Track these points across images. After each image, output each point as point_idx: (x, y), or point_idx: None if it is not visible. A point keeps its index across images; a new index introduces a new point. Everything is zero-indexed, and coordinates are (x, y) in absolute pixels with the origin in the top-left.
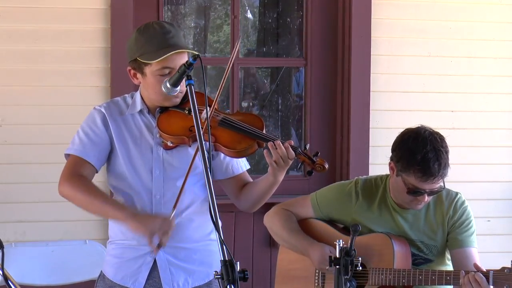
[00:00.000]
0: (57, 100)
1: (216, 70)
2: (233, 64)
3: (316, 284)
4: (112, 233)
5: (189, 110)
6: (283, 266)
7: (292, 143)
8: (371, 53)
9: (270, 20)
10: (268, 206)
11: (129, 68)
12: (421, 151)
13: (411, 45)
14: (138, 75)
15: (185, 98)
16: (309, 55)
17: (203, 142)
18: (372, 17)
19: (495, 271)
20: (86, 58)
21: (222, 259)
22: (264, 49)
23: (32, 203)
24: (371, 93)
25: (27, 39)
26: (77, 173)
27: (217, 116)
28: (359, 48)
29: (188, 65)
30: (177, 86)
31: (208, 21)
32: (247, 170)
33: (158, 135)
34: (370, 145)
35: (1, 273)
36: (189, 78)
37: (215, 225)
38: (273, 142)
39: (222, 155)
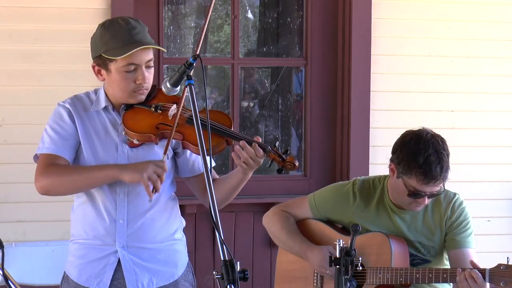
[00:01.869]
0: (57, 100)
1: (216, 70)
2: (233, 64)
3: (315, 285)
4: (74, 231)
5: (156, 108)
6: (282, 267)
7: (260, 140)
8: (371, 53)
9: (270, 20)
10: (267, 206)
11: (93, 64)
12: (423, 154)
13: (411, 45)
14: (103, 72)
15: (150, 95)
16: (309, 55)
17: (172, 141)
18: (372, 17)
19: (491, 268)
20: (86, 58)
21: (223, 259)
22: (264, 49)
23: (32, 203)
24: (371, 93)
25: (27, 39)
26: (51, 165)
27: (185, 113)
28: (359, 48)
29: (188, 65)
30: (177, 86)
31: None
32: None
33: (123, 133)
34: (370, 145)
35: (1, 273)
36: (189, 78)
37: (215, 224)
38: (239, 145)
39: (188, 152)
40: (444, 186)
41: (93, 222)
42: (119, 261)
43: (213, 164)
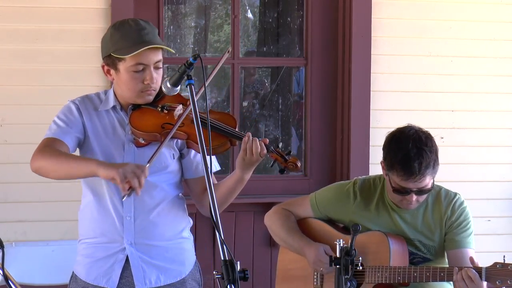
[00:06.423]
0: (57, 100)
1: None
2: (233, 64)
3: (315, 284)
4: (82, 231)
5: (162, 108)
6: (283, 266)
7: (267, 141)
8: (371, 53)
9: (270, 20)
10: (267, 206)
11: (102, 64)
12: (403, 149)
13: (411, 44)
14: (112, 72)
15: (158, 96)
16: (310, 55)
17: (178, 141)
18: (372, 16)
19: (487, 266)
20: (86, 58)
21: (223, 258)
22: (265, 48)
23: (32, 203)
24: (371, 92)
25: (27, 39)
26: (49, 146)
27: (190, 114)
28: (359, 47)
29: (188, 65)
30: (177, 86)
31: (208, 20)
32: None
33: (130, 132)
34: (370, 145)
35: (2, 273)
36: (189, 78)
37: (215, 224)
38: (247, 137)
39: (193, 153)
40: (433, 182)
41: (100, 219)
42: (127, 258)
43: (218, 168)
